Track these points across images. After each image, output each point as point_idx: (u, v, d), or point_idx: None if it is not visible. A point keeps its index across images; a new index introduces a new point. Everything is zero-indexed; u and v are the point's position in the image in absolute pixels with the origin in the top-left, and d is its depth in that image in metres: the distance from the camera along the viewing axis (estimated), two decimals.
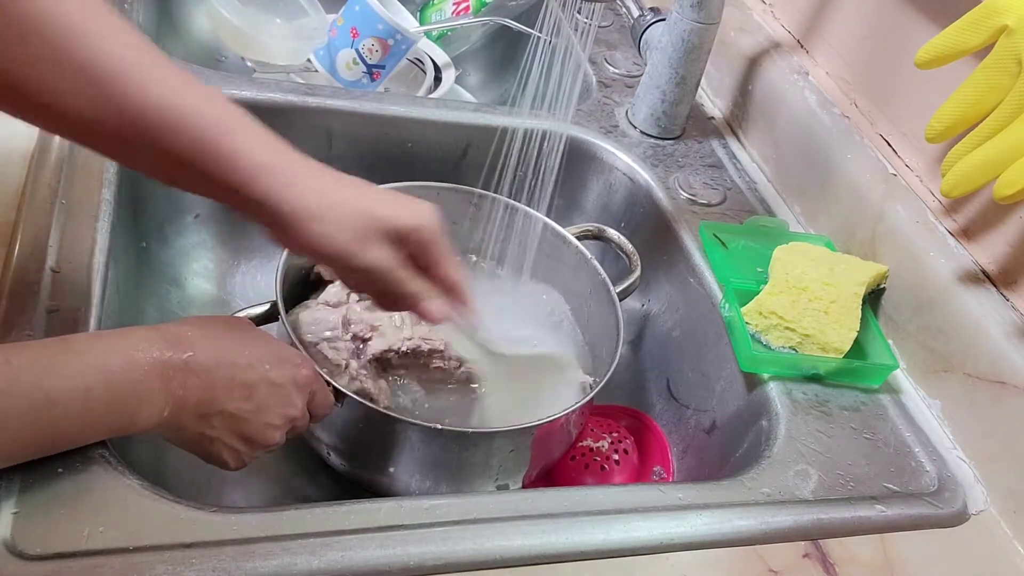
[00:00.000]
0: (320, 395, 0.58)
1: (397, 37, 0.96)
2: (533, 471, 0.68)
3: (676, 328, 0.82)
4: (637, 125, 0.93)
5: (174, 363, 0.48)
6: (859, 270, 0.73)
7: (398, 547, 0.50)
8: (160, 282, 0.81)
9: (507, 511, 0.54)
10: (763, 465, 0.62)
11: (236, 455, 0.54)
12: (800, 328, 0.68)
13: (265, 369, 0.53)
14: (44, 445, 0.47)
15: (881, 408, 0.69)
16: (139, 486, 0.49)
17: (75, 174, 0.66)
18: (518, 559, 0.52)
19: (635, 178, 0.88)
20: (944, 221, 0.73)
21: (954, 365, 0.68)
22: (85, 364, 0.45)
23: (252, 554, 0.47)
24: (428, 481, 0.65)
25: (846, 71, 0.87)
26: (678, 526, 0.56)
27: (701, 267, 0.78)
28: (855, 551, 0.58)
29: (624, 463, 0.74)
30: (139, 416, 0.47)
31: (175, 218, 0.83)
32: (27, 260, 0.59)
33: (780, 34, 0.96)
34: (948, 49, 0.62)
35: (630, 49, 1.04)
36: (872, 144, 0.81)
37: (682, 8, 0.85)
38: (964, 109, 0.62)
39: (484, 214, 0.78)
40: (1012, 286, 0.68)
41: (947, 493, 0.63)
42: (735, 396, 0.72)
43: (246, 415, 0.52)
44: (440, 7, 1.14)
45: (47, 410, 0.44)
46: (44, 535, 0.46)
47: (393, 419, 0.61)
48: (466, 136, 0.87)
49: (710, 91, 1.03)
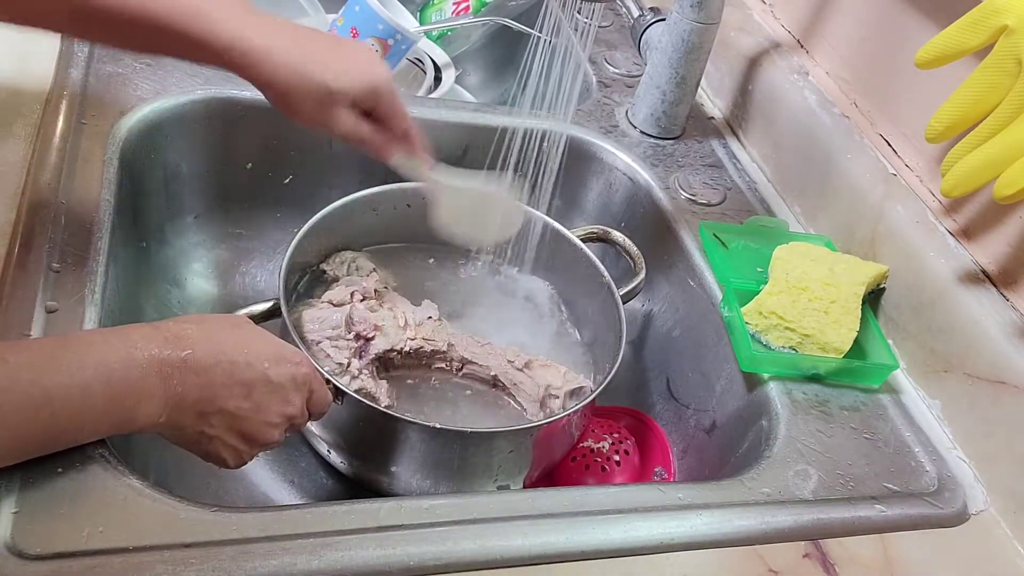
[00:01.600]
0: (319, 393, 0.58)
1: (397, 37, 0.96)
2: (534, 472, 0.68)
3: (676, 328, 0.82)
4: (637, 125, 0.93)
5: (173, 361, 0.48)
6: (859, 270, 0.73)
7: (398, 547, 0.50)
8: (160, 282, 0.81)
9: (507, 511, 0.54)
10: (763, 465, 0.62)
11: (235, 453, 0.54)
12: (800, 328, 0.68)
13: (264, 368, 0.53)
14: (44, 442, 0.47)
15: (881, 408, 0.69)
16: (139, 486, 0.49)
17: (75, 174, 0.67)
18: (518, 559, 0.52)
19: (635, 178, 0.88)
20: (944, 221, 0.73)
21: (954, 365, 0.68)
22: (84, 361, 0.45)
23: (252, 554, 0.48)
24: (428, 481, 0.65)
25: (846, 71, 0.87)
26: (678, 526, 0.56)
27: (701, 267, 0.78)
28: (855, 551, 0.58)
29: (625, 464, 0.74)
30: (138, 413, 0.47)
31: (175, 218, 0.83)
32: (27, 260, 0.59)
33: (780, 34, 0.96)
34: (948, 49, 0.62)
35: (630, 49, 1.04)
36: (872, 144, 0.81)
37: (682, 8, 0.85)
38: (964, 109, 0.62)
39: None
40: (1012, 286, 0.68)
41: (947, 493, 0.63)
42: (735, 396, 0.72)
43: (245, 414, 0.52)
44: (440, 7, 1.14)
45: (46, 406, 0.44)
46: (44, 535, 0.46)
47: (394, 419, 0.61)
48: (466, 136, 0.87)
49: (710, 91, 1.03)
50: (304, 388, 0.56)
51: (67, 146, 0.68)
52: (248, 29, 0.56)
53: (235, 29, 0.55)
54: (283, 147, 0.84)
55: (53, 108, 0.71)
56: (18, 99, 0.71)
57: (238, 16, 0.56)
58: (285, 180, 0.86)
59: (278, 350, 0.55)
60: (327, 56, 0.59)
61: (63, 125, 0.70)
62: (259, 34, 0.56)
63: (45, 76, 0.74)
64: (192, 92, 0.78)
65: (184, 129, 0.78)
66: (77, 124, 0.71)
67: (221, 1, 0.56)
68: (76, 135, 0.70)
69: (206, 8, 0.55)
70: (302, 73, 0.57)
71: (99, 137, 0.71)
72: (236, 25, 0.55)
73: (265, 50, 0.56)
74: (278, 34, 0.57)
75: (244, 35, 0.56)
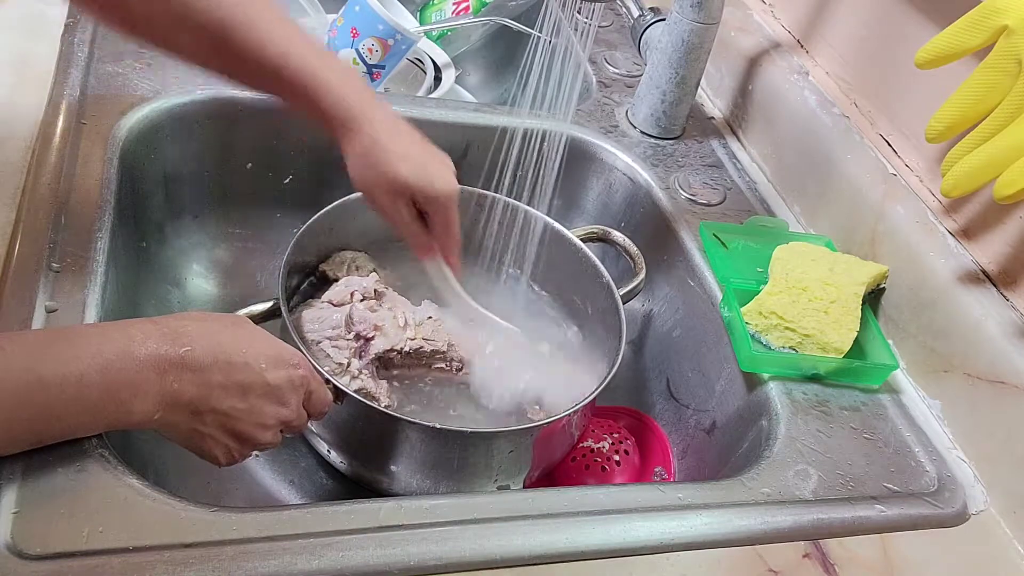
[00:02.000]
0: (317, 395, 0.58)
1: (397, 37, 0.96)
2: (534, 472, 0.68)
3: (676, 328, 0.82)
4: (637, 125, 0.93)
5: (170, 357, 0.48)
6: (859, 270, 0.73)
7: (398, 547, 0.50)
8: (160, 282, 0.81)
9: (507, 511, 0.54)
10: (763, 465, 0.62)
11: (227, 452, 0.54)
12: (800, 328, 0.68)
13: (261, 368, 0.53)
14: (38, 431, 0.47)
15: (881, 408, 0.69)
16: (139, 486, 0.49)
17: (75, 174, 0.67)
18: (518, 559, 0.52)
19: (635, 178, 0.88)
20: (944, 221, 0.73)
21: (954, 365, 0.68)
22: (81, 351, 0.46)
23: (251, 554, 0.48)
24: (428, 481, 0.65)
25: (846, 71, 0.87)
26: (678, 526, 0.56)
27: (701, 267, 0.78)
28: (855, 551, 0.58)
29: (625, 464, 0.74)
30: (133, 407, 0.47)
31: (175, 218, 0.83)
32: (27, 260, 0.59)
33: (780, 34, 0.96)
34: (948, 49, 0.62)
35: (630, 49, 1.04)
36: (872, 144, 0.81)
37: (682, 8, 0.85)
38: (964, 109, 0.62)
39: (485, 214, 0.78)
40: (1012, 286, 0.68)
41: (947, 493, 0.63)
42: (735, 396, 0.72)
43: (239, 414, 0.52)
44: (440, 7, 1.14)
45: (40, 393, 0.44)
46: (44, 535, 0.46)
47: (394, 418, 0.61)
48: (466, 136, 0.87)
49: (710, 91, 1.03)
50: (301, 391, 0.56)
51: (67, 146, 0.68)
52: (367, 108, 0.62)
53: (356, 104, 0.62)
54: (283, 147, 0.84)
55: (53, 108, 0.71)
56: (18, 99, 0.71)
57: (358, 90, 0.63)
58: (285, 180, 0.86)
59: (277, 351, 0.54)
60: (415, 151, 0.64)
61: (63, 125, 0.70)
62: (380, 117, 0.63)
63: (45, 76, 0.74)
64: (192, 92, 0.78)
65: (184, 129, 0.78)
66: (77, 124, 0.71)
67: (345, 74, 0.62)
68: (76, 135, 0.70)
69: (336, 83, 0.61)
70: (389, 163, 0.63)
71: (99, 137, 0.71)
72: (356, 100, 0.62)
73: (374, 133, 0.62)
74: (387, 120, 0.63)
75: (366, 113, 0.62)
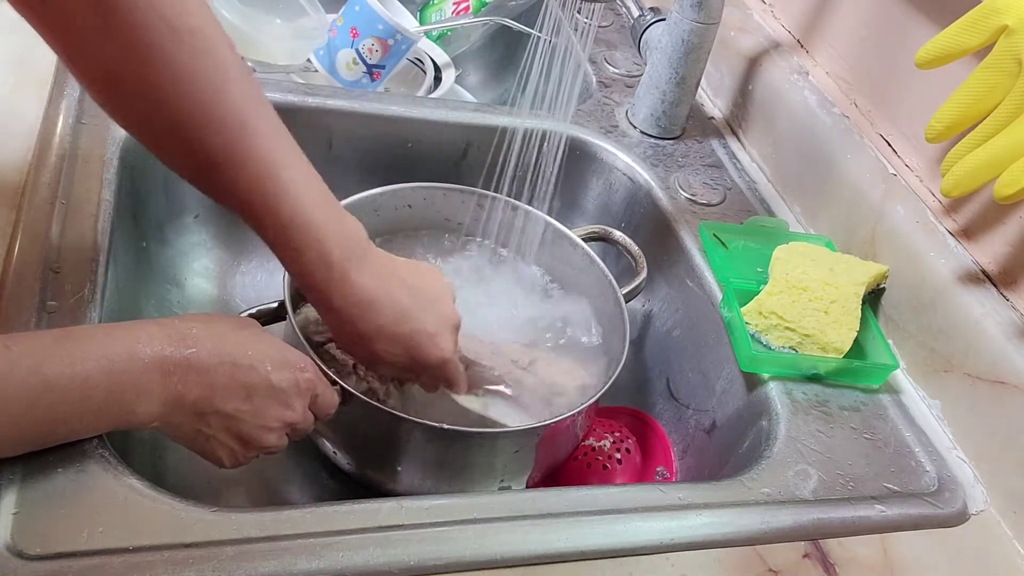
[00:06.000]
0: (323, 397, 0.58)
1: (397, 37, 0.96)
2: (537, 472, 0.68)
3: (676, 328, 0.82)
4: (637, 125, 0.93)
5: (175, 359, 0.48)
6: (859, 270, 0.73)
7: (398, 547, 0.50)
8: (160, 282, 0.81)
9: (507, 511, 0.54)
10: (763, 465, 0.62)
11: (231, 454, 0.54)
12: (800, 328, 0.68)
13: (267, 371, 0.52)
14: (43, 432, 0.47)
15: (881, 408, 0.69)
16: (139, 486, 0.49)
17: (75, 174, 0.66)
18: (519, 559, 0.52)
19: (635, 178, 0.88)
20: (944, 221, 0.73)
21: (954, 365, 0.68)
22: (86, 352, 0.45)
23: (251, 554, 0.47)
24: (433, 481, 0.65)
25: (846, 71, 0.87)
26: (678, 526, 0.56)
27: (701, 267, 0.78)
28: (855, 551, 0.58)
29: (626, 463, 0.74)
30: (137, 408, 0.47)
31: (175, 218, 0.83)
32: (27, 260, 0.59)
33: (780, 34, 0.96)
34: (948, 49, 0.62)
35: (630, 49, 1.04)
36: (872, 144, 0.81)
37: (682, 8, 0.85)
38: (964, 109, 0.62)
39: (485, 214, 0.78)
40: (1012, 286, 0.68)
41: (947, 493, 0.63)
42: (735, 396, 0.72)
43: (243, 416, 0.52)
44: (440, 7, 1.14)
45: (46, 394, 0.44)
46: (44, 535, 0.46)
47: (399, 419, 0.61)
48: (466, 136, 0.87)
49: (710, 91, 1.03)
50: (307, 394, 0.56)
51: (67, 146, 0.68)
52: (365, 274, 0.55)
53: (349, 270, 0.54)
54: None
55: (53, 108, 0.71)
56: (18, 99, 0.71)
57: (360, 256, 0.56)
58: None
59: (282, 354, 0.54)
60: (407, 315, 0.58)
61: (63, 125, 0.70)
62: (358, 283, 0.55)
63: (45, 76, 0.74)
64: None
65: None
66: (77, 124, 0.71)
67: (343, 229, 0.55)
68: (76, 135, 0.70)
69: (329, 244, 0.53)
70: (364, 346, 0.58)
71: (99, 137, 0.70)
72: (353, 266, 0.55)
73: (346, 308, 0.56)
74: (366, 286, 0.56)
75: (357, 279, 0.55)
